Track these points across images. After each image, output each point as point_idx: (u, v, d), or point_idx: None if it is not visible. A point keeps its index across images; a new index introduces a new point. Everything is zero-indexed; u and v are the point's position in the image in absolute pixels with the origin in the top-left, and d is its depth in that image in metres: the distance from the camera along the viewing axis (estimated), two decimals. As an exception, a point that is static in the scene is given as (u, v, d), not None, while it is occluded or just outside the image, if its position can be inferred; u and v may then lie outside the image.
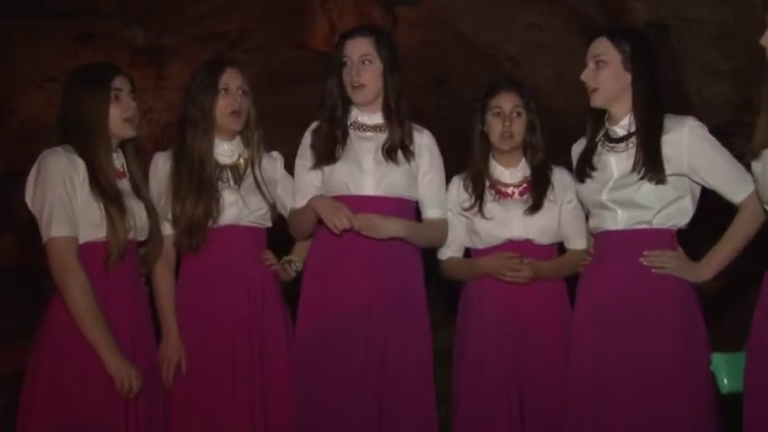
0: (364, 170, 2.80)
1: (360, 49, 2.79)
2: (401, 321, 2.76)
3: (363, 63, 2.78)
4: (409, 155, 2.84)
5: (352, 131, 2.86)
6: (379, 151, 2.82)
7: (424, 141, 2.89)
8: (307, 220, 2.83)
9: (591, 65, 2.63)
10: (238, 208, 2.78)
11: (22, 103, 4.55)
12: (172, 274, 2.80)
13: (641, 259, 2.57)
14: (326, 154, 2.81)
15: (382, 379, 2.71)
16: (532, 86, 3.41)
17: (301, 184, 2.87)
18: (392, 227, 2.75)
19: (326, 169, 2.81)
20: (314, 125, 2.90)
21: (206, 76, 2.80)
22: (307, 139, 2.90)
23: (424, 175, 2.88)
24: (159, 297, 2.76)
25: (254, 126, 2.88)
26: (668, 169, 2.55)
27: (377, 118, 2.87)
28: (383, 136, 2.85)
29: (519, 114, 2.93)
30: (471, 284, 2.96)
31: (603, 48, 2.61)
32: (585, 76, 2.64)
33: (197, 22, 4.34)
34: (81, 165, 2.47)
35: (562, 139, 2.92)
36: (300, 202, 2.86)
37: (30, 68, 4.46)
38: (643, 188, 2.56)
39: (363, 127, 2.87)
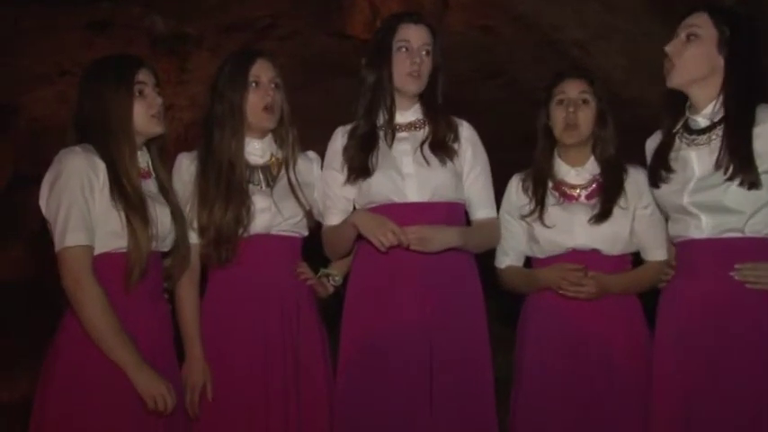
0: (405, 175, 2.83)
1: (422, 37, 2.84)
2: (460, 342, 2.78)
3: (423, 53, 2.83)
4: (452, 152, 2.87)
5: (384, 134, 2.88)
6: (418, 152, 2.85)
7: (464, 134, 2.92)
8: (345, 239, 2.86)
9: (681, 36, 2.59)
10: (271, 214, 2.82)
11: (30, 100, 4.64)
12: (196, 290, 2.84)
13: (732, 273, 2.53)
14: (360, 166, 2.84)
15: (439, 408, 2.72)
16: (603, 75, 3.40)
17: (334, 199, 2.91)
18: (445, 237, 2.77)
19: (363, 182, 2.84)
20: (344, 129, 2.93)
21: (234, 69, 2.84)
22: (336, 143, 2.93)
23: (468, 172, 2.90)
24: (182, 315, 2.80)
25: (288, 123, 2.91)
26: (759, 166, 2.50)
27: (410, 115, 2.90)
28: (419, 134, 2.88)
29: (586, 102, 2.92)
30: (531, 298, 2.97)
31: (701, 21, 2.58)
32: (671, 47, 2.60)
33: (223, 8, 4.40)
34: (101, 167, 2.51)
35: (636, 135, 2.90)
36: (334, 219, 2.90)
37: (39, 61, 4.54)
38: (731, 190, 2.51)
39: (398, 127, 2.90)
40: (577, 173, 2.97)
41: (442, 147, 2.86)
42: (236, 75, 2.83)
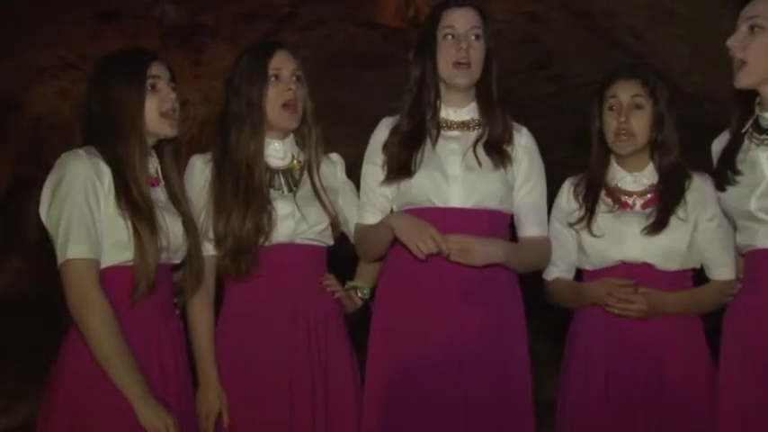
0: (450, 178, 2.83)
1: (470, 21, 2.84)
2: (494, 365, 2.78)
3: (472, 38, 2.83)
4: (506, 159, 2.86)
5: (430, 132, 2.89)
6: (470, 153, 2.85)
7: (522, 142, 2.92)
8: (380, 241, 2.87)
9: (743, 29, 2.54)
10: (295, 221, 2.83)
11: (32, 96, 4.69)
12: (211, 307, 2.85)
13: None
14: (401, 165, 2.84)
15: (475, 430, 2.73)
16: (662, 67, 3.38)
17: (371, 196, 2.93)
18: (489, 252, 2.77)
19: (403, 181, 2.85)
20: (389, 121, 2.94)
21: (252, 61, 2.86)
22: (379, 136, 2.94)
23: (522, 184, 2.90)
24: (195, 334, 2.81)
25: (311, 121, 2.93)
26: None
27: (464, 113, 2.91)
28: (472, 135, 2.88)
29: (639, 107, 2.89)
30: (579, 314, 2.97)
31: (763, 9, 2.51)
32: (733, 41, 2.54)
33: (241, -5, 4.44)
34: (107, 172, 2.52)
35: (701, 132, 2.88)
36: (370, 218, 2.92)
37: (42, 54, 4.58)
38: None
39: (448, 124, 2.90)
40: (634, 179, 2.95)
41: (496, 149, 2.86)
42: (253, 68, 2.84)
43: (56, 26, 4.46)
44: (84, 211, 2.47)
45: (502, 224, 2.90)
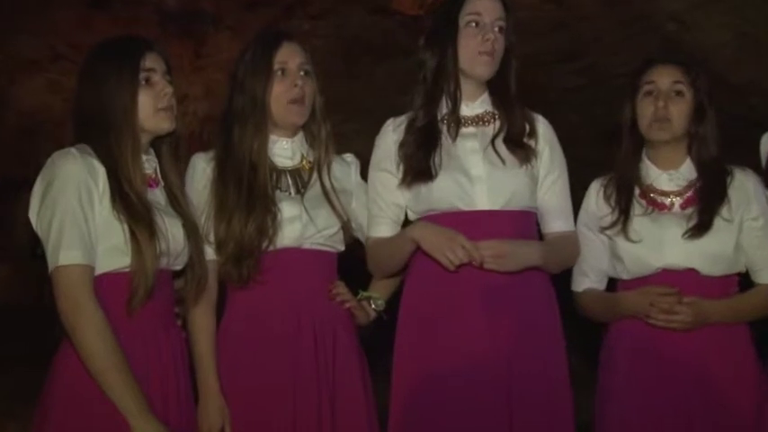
0: (474, 178, 2.84)
1: (497, 11, 2.86)
2: (541, 377, 2.79)
3: (497, 30, 2.85)
4: (530, 151, 2.88)
5: (447, 128, 2.90)
6: (489, 149, 2.86)
7: (540, 131, 2.93)
8: (399, 256, 2.89)
9: None
10: (302, 225, 2.85)
11: (20, 90, 4.70)
12: (213, 316, 2.87)
13: None
14: (420, 167, 2.84)
15: None
16: (704, 56, 3.37)
17: (383, 206, 2.94)
18: (524, 255, 2.78)
19: (423, 185, 2.86)
20: (395, 122, 2.95)
21: (257, 54, 2.88)
22: (387, 138, 2.96)
23: (544, 178, 2.92)
24: (196, 345, 2.83)
25: (321, 118, 2.95)
26: None
27: (478, 107, 2.93)
28: (489, 129, 2.90)
29: (680, 94, 2.90)
30: (615, 328, 2.97)
31: None
32: None
33: (246, -21, 4.45)
34: (101, 171, 2.53)
35: (748, 127, 2.87)
36: (383, 230, 2.93)
37: (29, 44, 4.59)
38: None
39: (464, 120, 2.92)
40: (670, 177, 2.95)
41: (518, 143, 2.88)
42: (258, 61, 2.86)
43: (44, 13, 4.46)
44: (76, 214, 2.48)
45: (531, 224, 2.92)
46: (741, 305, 2.90)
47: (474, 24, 2.84)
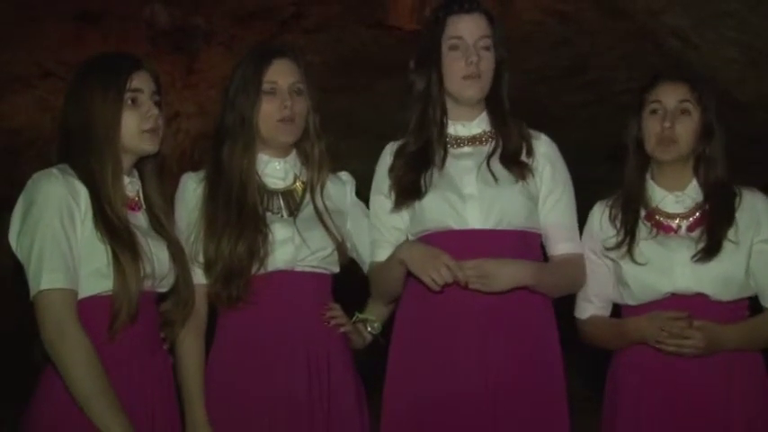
0: (466, 197, 2.82)
1: (479, 29, 2.85)
2: (529, 404, 2.77)
3: (481, 48, 2.83)
4: (526, 169, 2.86)
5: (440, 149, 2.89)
6: (484, 167, 2.85)
7: (541, 149, 2.91)
8: (393, 278, 2.88)
9: None
10: (294, 247, 2.83)
11: (7, 107, 4.71)
12: (201, 340, 2.85)
13: None
14: (409, 186, 2.85)
15: None
16: (711, 73, 3.37)
17: (383, 230, 2.94)
18: (512, 275, 2.75)
19: (416, 205, 2.85)
20: (394, 146, 2.95)
21: (247, 71, 2.87)
22: (384, 162, 2.96)
23: (546, 197, 2.90)
24: (183, 371, 2.81)
25: (315, 137, 2.93)
26: None
27: (475, 126, 2.92)
28: (485, 149, 2.89)
29: (686, 113, 2.89)
30: (622, 355, 2.94)
31: None
32: None
33: (239, -6, 4.45)
34: (83, 192, 2.53)
35: (754, 145, 2.87)
36: (382, 254, 2.92)
37: (17, 60, 4.61)
38: None
39: (458, 141, 2.91)
40: (676, 199, 2.94)
41: (513, 161, 2.86)
42: (248, 79, 2.86)
43: (33, 28, 4.49)
44: (58, 237, 2.47)
45: (532, 245, 2.89)
46: (753, 330, 2.88)
47: (457, 46, 2.84)
